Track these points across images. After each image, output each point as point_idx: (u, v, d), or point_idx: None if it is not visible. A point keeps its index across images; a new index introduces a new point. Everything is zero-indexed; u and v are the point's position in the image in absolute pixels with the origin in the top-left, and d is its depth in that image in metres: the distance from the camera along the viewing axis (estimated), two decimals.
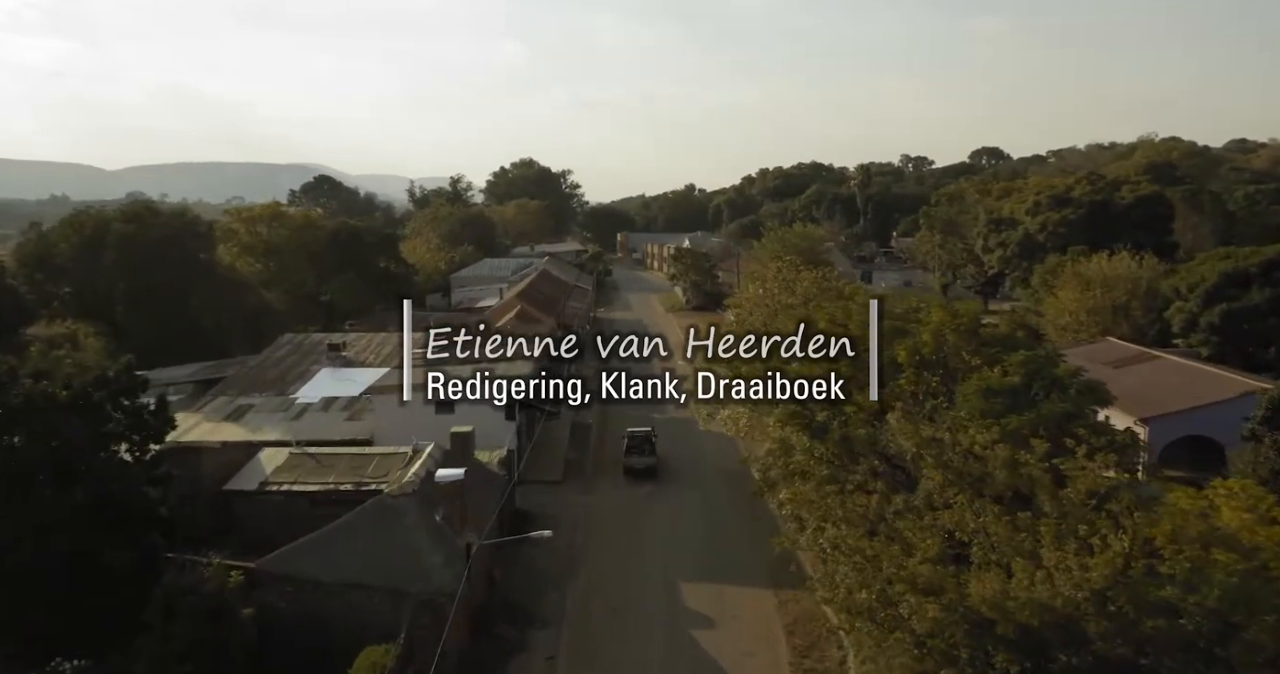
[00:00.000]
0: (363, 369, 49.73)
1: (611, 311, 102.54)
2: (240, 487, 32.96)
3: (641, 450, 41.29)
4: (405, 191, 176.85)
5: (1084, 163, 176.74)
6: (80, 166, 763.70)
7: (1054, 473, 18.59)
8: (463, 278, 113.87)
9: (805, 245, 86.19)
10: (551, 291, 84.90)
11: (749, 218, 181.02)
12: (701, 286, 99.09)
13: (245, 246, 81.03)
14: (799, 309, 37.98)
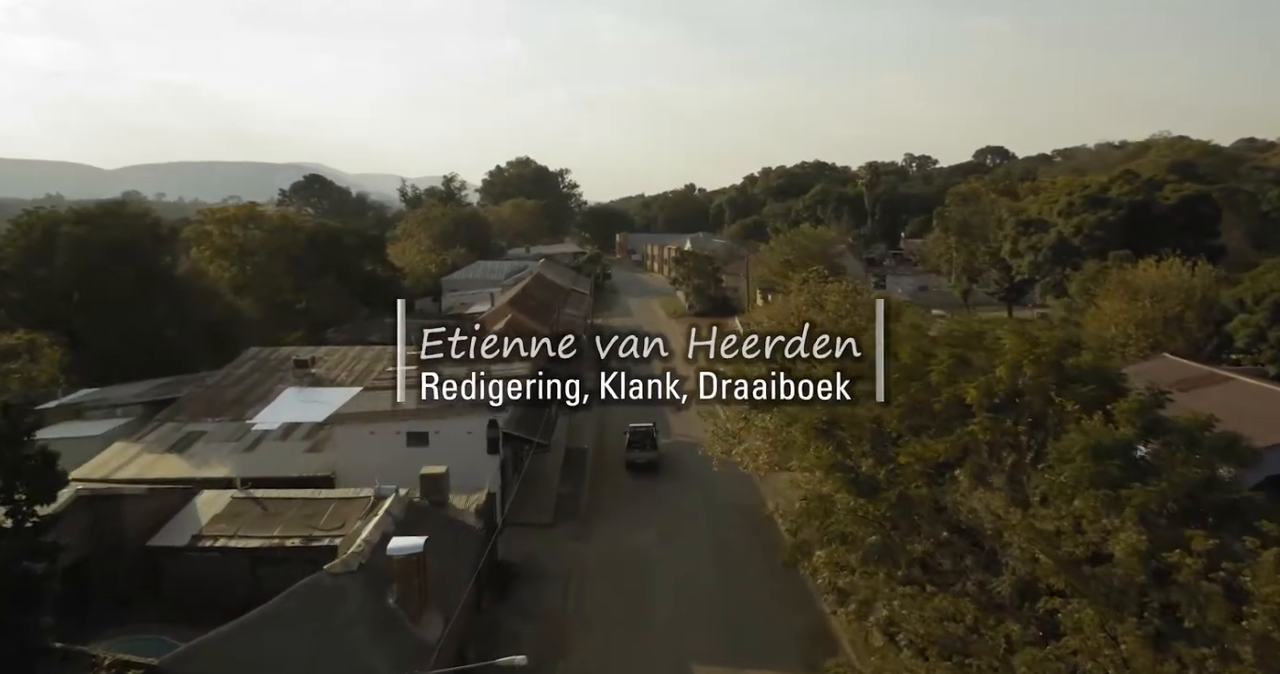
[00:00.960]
0: (332, 389, 44.51)
1: (611, 317, 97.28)
2: (168, 542, 27.72)
3: (643, 445, 41.83)
4: (397, 191, 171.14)
5: (1094, 161, 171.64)
6: (78, 166, 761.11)
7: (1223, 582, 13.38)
8: (454, 281, 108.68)
9: (817, 248, 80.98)
10: (546, 297, 79.67)
11: (752, 218, 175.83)
12: (705, 291, 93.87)
13: (219, 249, 75.77)
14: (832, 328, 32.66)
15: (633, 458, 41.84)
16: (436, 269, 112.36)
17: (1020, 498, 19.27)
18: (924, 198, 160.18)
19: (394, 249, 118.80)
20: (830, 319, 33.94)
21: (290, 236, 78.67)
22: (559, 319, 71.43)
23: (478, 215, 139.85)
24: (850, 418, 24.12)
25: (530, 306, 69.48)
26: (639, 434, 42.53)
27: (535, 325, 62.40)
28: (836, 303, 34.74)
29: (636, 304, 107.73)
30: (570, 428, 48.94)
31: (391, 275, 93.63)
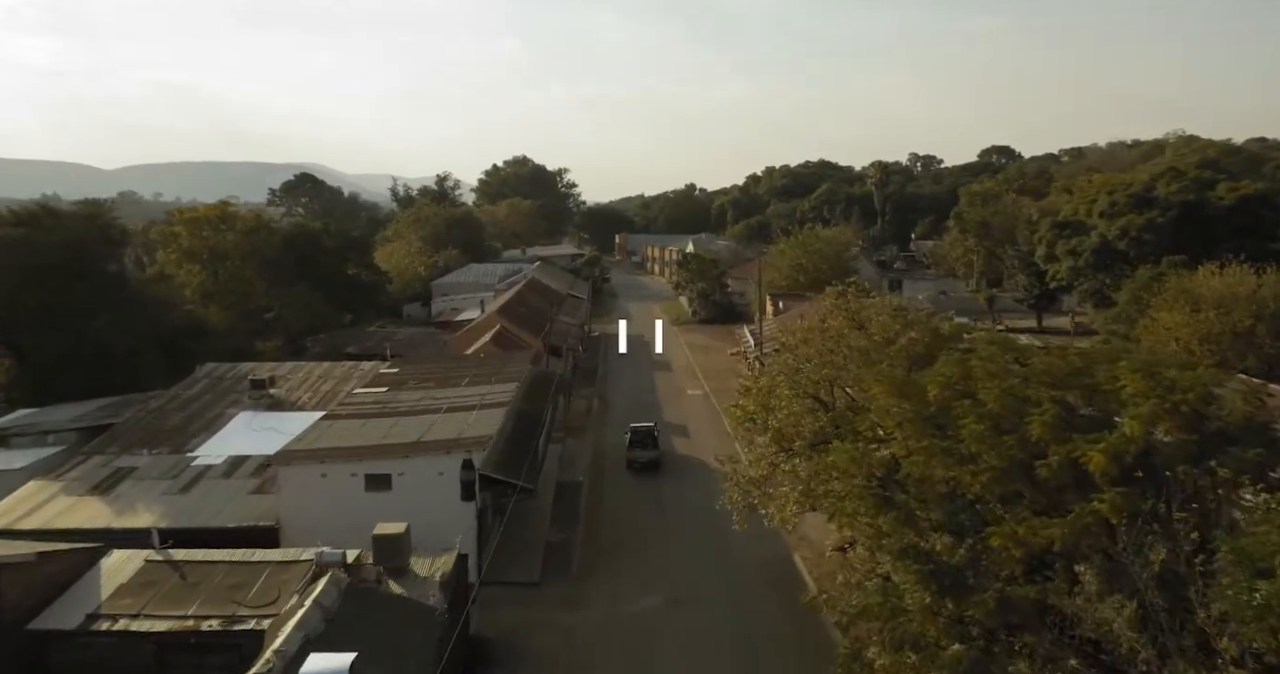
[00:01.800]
0: (291, 414, 39.01)
1: (609, 324, 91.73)
2: (56, 623, 22.26)
3: (644, 445, 41.76)
4: (388, 190, 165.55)
5: (1108, 161, 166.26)
6: (77, 166, 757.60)
7: None
8: (444, 285, 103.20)
9: (830, 250, 75.50)
10: (539, 304, 74.21)
11: (756, 219, 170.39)
12: (710, 297, 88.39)
13: (187, 252, 70.28)
14: (883, 360, 27.39)
15: (634, 457, 41.60)
16: (426, 272, 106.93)
17: (1181, 614, 13.75)
18: (933, 198, 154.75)
19: (382, 252, 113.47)
20: (877, 345, 28.43)
21: (264, 239, 73.17)
22: (553, 329, 66.01)
23: (471, 216, 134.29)
24: (918, 477, 18.69)
25: (521, 315, 64.09)
26: (640, 434, 42.55)
27: (526, 337, 57.05)
28: (884, 323, 29.19)
29: (637, 309, 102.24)
30: (562, 457, 43.51)
31: (376, 279, 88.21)
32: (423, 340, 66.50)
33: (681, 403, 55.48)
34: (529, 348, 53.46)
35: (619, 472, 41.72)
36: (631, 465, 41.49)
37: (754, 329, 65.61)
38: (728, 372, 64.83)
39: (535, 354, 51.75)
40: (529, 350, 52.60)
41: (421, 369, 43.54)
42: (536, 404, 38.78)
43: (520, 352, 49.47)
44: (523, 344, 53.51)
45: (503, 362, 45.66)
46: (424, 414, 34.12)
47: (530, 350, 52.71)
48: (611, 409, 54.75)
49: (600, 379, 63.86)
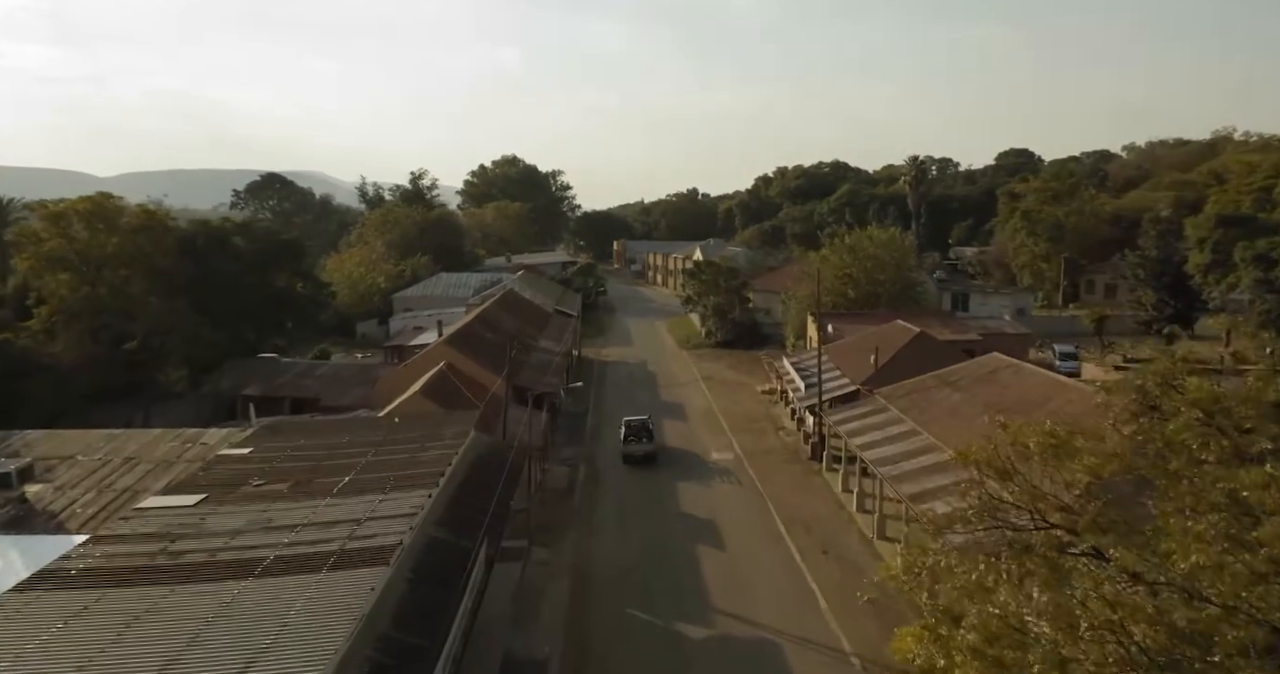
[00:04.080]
0: (43, 538, 22.26)
1: (605, 347, 74.78)
2: None
3: (639, 438, 41.24)
4: (355, 189, 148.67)
5: (1143, 159, 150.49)
6: (73, 173, 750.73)
7: None
8: (408, 299, 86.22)
9: (890, 257, 58.61)
10: (512, 326, 57.23)
11: (768, 222, 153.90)
12: (729, 314, 71.43)
13: (50, 257, 53.43)
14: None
15: (630, 451, 41.20)
16: (388, 283, 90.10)
17: None
18: (965, 199, 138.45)
19: (336, 259, 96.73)
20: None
21: (157, 240, 56.35)
22: (526, 364, 49.04)
23: (449, 218, 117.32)
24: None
25: (482, 344, 47.12)
26: (635, 427, 41.98)
27: (484, 377, 40.13)
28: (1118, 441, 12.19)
29: (638, 328, 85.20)
30: (519, 589, 26.48)
31: (316, 293, 71.34)
32: (353, 377, 49.61)
33: (707, 478, 38.41)
34: (483, 396, 36.54)
35: (630, 636, 24.67)
36: (627, 460, 40.91)
37: (799, 362, 48.67)
38: (762, 420, 47.88)
39: (493, 404, 34.84)
40: (484, 399, 35.70)
41: (289, 446, 26.64)
42: (466, 529, 21.80)
43: (465, 410, 32.45)
44: (472, 392, 36.51)
45: (433, 425, 28.79)
46: (226, 579, 17.15)
47: (488, 399, 35.81)
48: (605, 486, 37.79)
49: (590, 433, 46.87)
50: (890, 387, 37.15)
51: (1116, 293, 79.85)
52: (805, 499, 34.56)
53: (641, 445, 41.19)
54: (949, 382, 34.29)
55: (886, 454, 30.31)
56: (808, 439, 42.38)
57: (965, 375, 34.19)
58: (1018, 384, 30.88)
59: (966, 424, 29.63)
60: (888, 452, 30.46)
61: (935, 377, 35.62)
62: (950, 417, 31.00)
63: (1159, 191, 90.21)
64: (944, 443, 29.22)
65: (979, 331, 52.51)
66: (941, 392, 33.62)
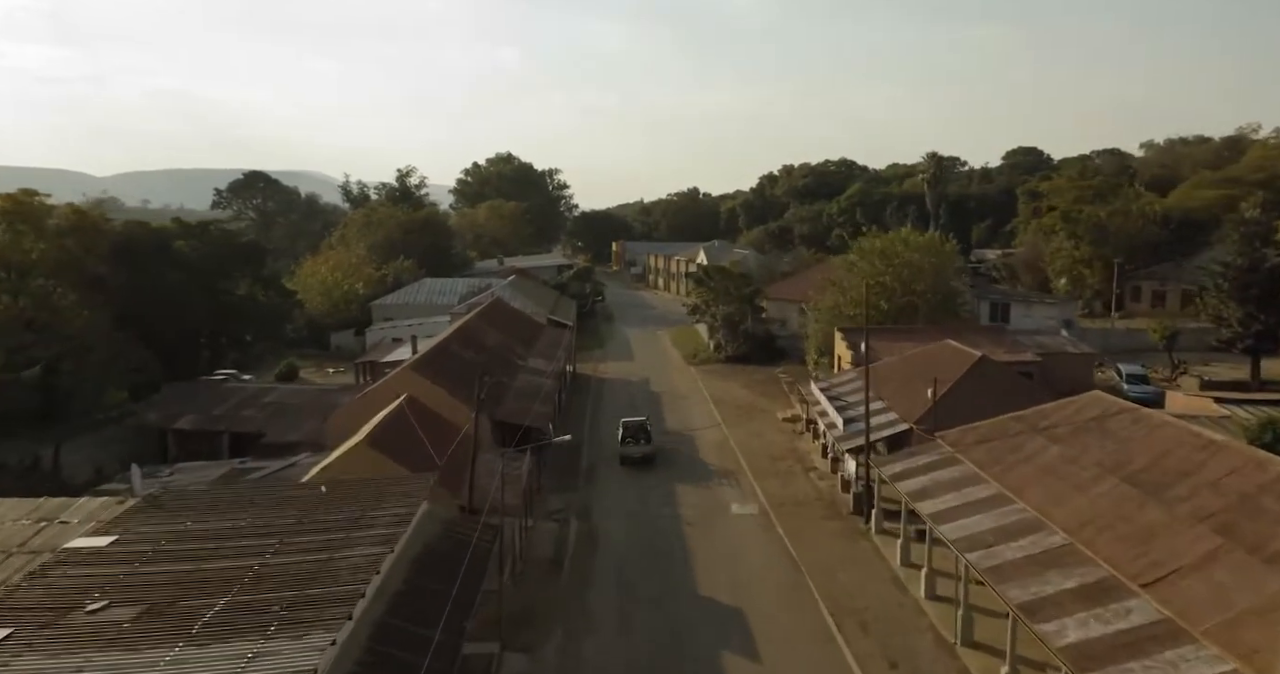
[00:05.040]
0: None
1: (604, 362, 67.53)
2: None
3: (637, 439, 40.89)
4: (339, 187, 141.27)
5: (1164, 157, 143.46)
6: (70, 173, 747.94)
7: None
8: (387, 307, 78.94)
9: (929, 263, 51.28)
10: (497, 341, 49.99)
11: (774, 223, 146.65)
12: (740, 326, 64.16)
13: None
14: None
15: (628, 453, 40.55)
16: (367, 289, 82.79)
17: None
18: (984, 198, 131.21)
19: (311, 263, 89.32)
20: None
21: (88, 244, 49.14)
22: (510, 389, 41.79)
23: (436, 218, 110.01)
24: None
25: (457, 368, 39.88)
26: (633, 428, 41.56)
27: (458, 409, 32.98)
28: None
29: (639, 339, 77.93)
30: None
31: (281, 302, 64.10)
32: (306, 405, 42.31)
33: (729, 541, 31.11)
34: (452, 437, 29.24)
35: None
36: (624, 462, 40.50)
37: (830, 389, 41.39)
38: (788, 457, 40.61)
39: (465, 448, 27.47)
40: (453, 443, 28.42)
41: (166, 534, 19.48)
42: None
43: (421, 472, 25.14)
44: (437, 437, 29.18)
45: (372, 496, 21.58)
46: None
47: (456, 444, 28.53)
48: (604, 550, 30.51)
49: (585, 473, 39.58)
50: (957, 430, 29.87)
51: (1166, 301, 72.72)
52: (854, 576, 27.28)
53: (640, 447, 40.61)
54: (1039, 428, 27.00)
55: (970, 529, 23.04)
56: (847, 486, 35.12)
57: (1061, 420, 26.90)
58: (1143, 438, 23.57)
59: (1081, 494, 22.39)
60: (971, 526, 23.19)
61: (1018, 420, 28.34)
62: (1053, 480, 23.72)
63: (1205, 190, 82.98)
64: (1051, 518, 21.99)
65: (1036, 351, 45.25)
66: (1032, 442, 26.33)
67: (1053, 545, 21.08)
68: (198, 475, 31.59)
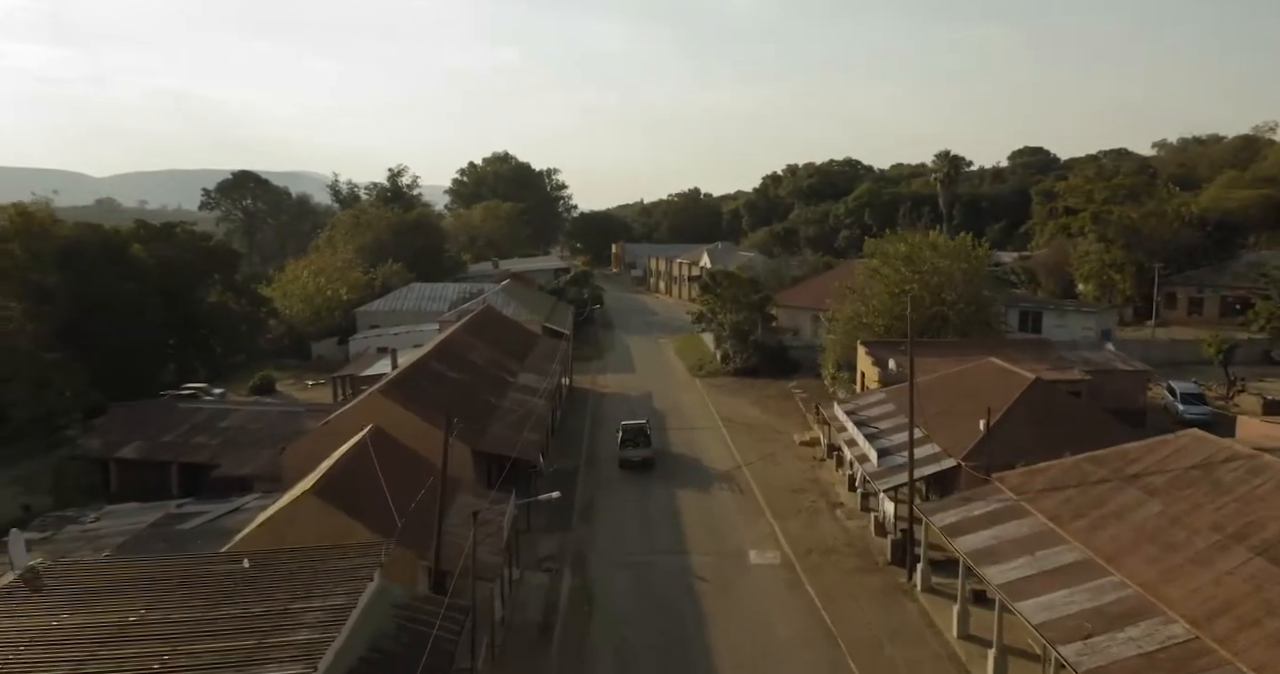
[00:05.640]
0: None
1: (603, 374, 62.93)
2: None
3: (637, 443, 40.41)
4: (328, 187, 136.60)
5: (1179, 156, 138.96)
6: (69, 173, 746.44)
7: None
8: (372, 314, 74.32)
9: (959, 270, 46.66)
10: (486, 357, 45.40)
11: (780, 224, 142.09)
12: (748, 335, 59.59)
13: None
14: None
15: (627, 456, 40.10)
16: (349, 295, 78.22)
17: None
18: (996, 199, 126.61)
19: (294, 268, 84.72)
20: None
21: (34, 250, 44.56)
22: (500, 407, 37.27)
23: (428, 219, 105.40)
24: None
25: (436, 388, 35.32)
26: (632, 431, 41.03)
27: (434, 439, 28.25)
28: None
29: (640, 348, 73.33)
30: None
31: (253, 310, 59.53)
32: (267, 429, 37.68)
33: (750, 604, 26.47)
34: (425, 477, 24.63)
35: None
36: (624, 465, 39.86)
37: (857, 411, 36.81)
38: (809, 489, 36.06)
39: (445, 488, 22.86)
40: (424, 488, 23.85)
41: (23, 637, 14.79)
42: None
43: (383, 522, 20.61)
44: (404, 480, 24.56)
45: (308, 575, 17.06)
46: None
47: (424, 492, 23.93)
48: (602, 613, 25.92)
49: (581, 511, 34.93)
50: (1019, 472, 25.33)
51: (1203, 308, 68.18)
52: (904, 653, 22.69)
53: (639, 451, 40.16)
54: (1127, 475, 22.42)
55: (1058, 609, 18.46)
56: (882, 529, 30.56)
57: (1154, 466, 22.31)
58: (1273, 494, 18.98)
59: (1201, 570, 17.73)
60: (1059, 604, 18.59)
61: (1096, 462, 23.76)
62: (1157, 547, 19.13)
63: (1240, 190, 78.58)
64: (1165, 600, 17.40)
65: (1084, 368, 40.68)
66: (1120, 494, 21.75)
67: (1174, 639, 16.50)
68: (127, 521, 27.05)
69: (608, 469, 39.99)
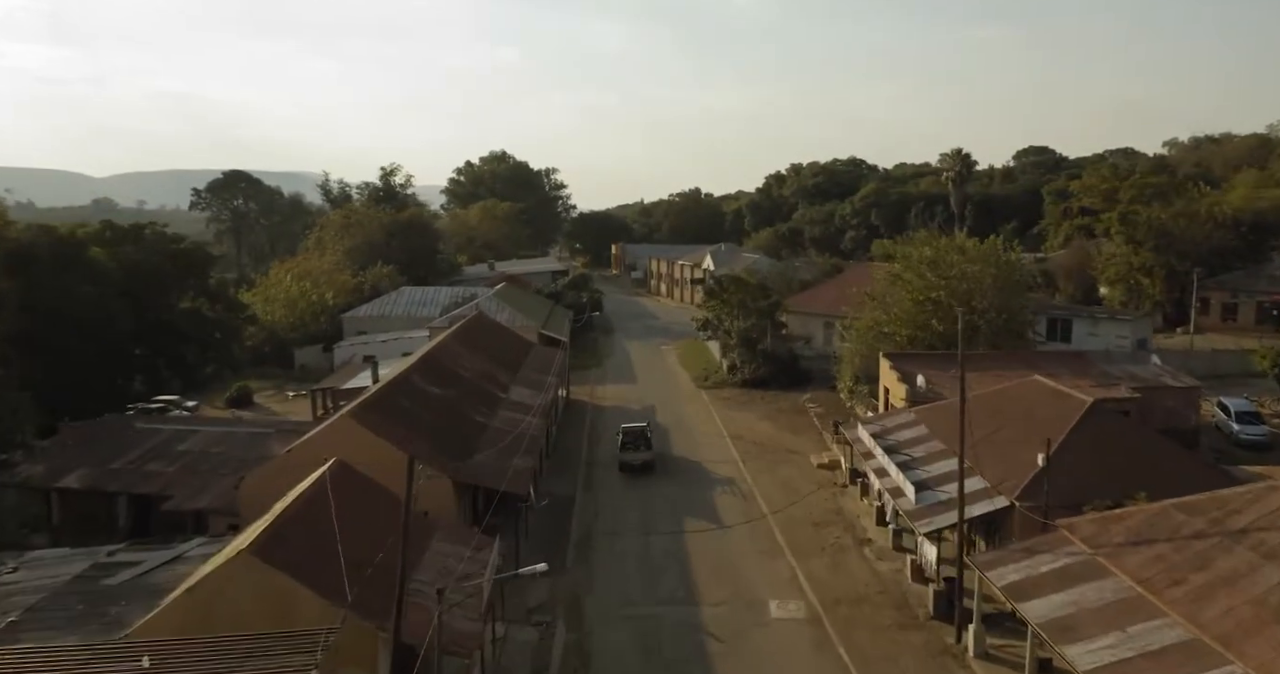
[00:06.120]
0: None
1: (602, 384, 59.22)
2: None
3: (637, 446, 39.99)
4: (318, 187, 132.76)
5: (1192, 155, 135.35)
6: (68, 173, 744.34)
7: None
8: (359, 319, 70.66)
9: (992, 277, 42.93)
10: (475, 370, 41.67)
11: (784, 225, 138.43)
12: (757, 343, 55.90)
13: None
14: None
15: (627, 460, 39.59)
16: (340, 298, 74.57)
17: None
18: (1007, 199, 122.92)
19: (279, 269, 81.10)
20: None
21: None
22: (488, 428, 33.58)
23: (421, 220, 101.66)
24: None
25: (416, 409, 31.63)
26: (633, 434, 40.67)
27: (401, 460, 24.46)
28: None
29: (641, 355, 69.58)
30: None
31: (227, 317, 55.84)
32: (230, 455, 33.93)
33: (777, 664, 22.78)
34: (395, 519, 20.91)
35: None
36: (624, 469, 39.32)
37: (884, 434, 33.11)
38: (833, 521, 32.41)
39: (414, 526, 19.13)
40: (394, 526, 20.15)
41: None
42: None
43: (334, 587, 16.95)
44: (369, 526, 20.85)
45: None
46: None
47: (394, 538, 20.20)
48: None
49: (577, 548, 31.20)
50: (1090, 519, 21.69)
51: (1238, 314, 64.46)
52: None
53: (640, 454, 39.65)
54: (1226, 527, 18.75)
55: None
56: (920, 574, 26.88)
57: (1261, 519, 18.60)
58: None
59: None
60: None
61: (1187, 510, 20.07)
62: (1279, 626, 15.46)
63: (1269, 189, 74.85)
64: None
65: (1131, 384, 36.98)
66: (1223, 552, 18.06)
67: None
68: (48, 572, 23.32)
69: (607, 495, 36.35)
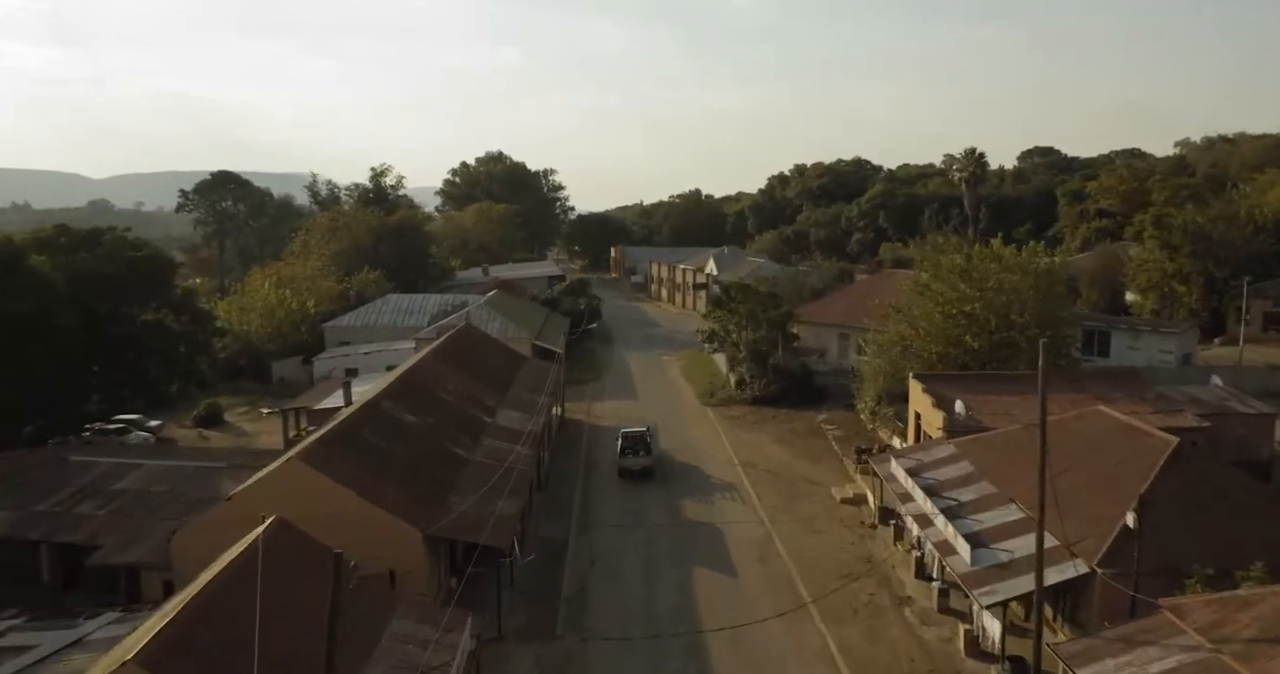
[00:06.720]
0: None
1: (599, 400, 54.99)
2: None
3: (637, 451, 39.78)
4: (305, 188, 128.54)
5: (1207, 156, 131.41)
6: (67, 175, 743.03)
7: None
8: (341, 329, 66.48)
9: (1031, 287, 38.72)
10: (457, 390, 37.45)
11: (789, 227, 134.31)
12: (767, 357, 51.70)
13: None
14: None
15: (626, 465, 39.26)
16: (322, 306, 70.42)
17: None
18: (1020, 200, 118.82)
19: (258, 276, 76.93)
20: None
21: None
22: (469, 464, 29.33)
23: (412, 223, 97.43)
24: None
25: (385, 445, 27.43)
26: (632, 439, 40.45)
27: (373, 527, 20.42)
28: None
29: (642, 368, 65.34)
30: None
31: (194, 331, 51.60)
32: (174, 494, 29.73)
33: None
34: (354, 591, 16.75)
35: None
36: (623, 474, 38.96)
37: (922, 470, 28.94)
38: (865, 574, 28.08)
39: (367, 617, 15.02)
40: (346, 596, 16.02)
41: None
42: None
43: None
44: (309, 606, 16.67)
45: None
46: None
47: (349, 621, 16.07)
48: None
49: (569, 608, 26.96)
50: (1204, 602, 17.51)
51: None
52: None
53: (639, 459, 39.22)
54: None
55: None
56: (975, 646, 22.71)
57: None
58: None
59: None
60: None
61: None
62: None
63: None
64: None
65: (1196, 411, 32.76)
66: None
67: None
68: None
69: (605, 540, 32.12)
